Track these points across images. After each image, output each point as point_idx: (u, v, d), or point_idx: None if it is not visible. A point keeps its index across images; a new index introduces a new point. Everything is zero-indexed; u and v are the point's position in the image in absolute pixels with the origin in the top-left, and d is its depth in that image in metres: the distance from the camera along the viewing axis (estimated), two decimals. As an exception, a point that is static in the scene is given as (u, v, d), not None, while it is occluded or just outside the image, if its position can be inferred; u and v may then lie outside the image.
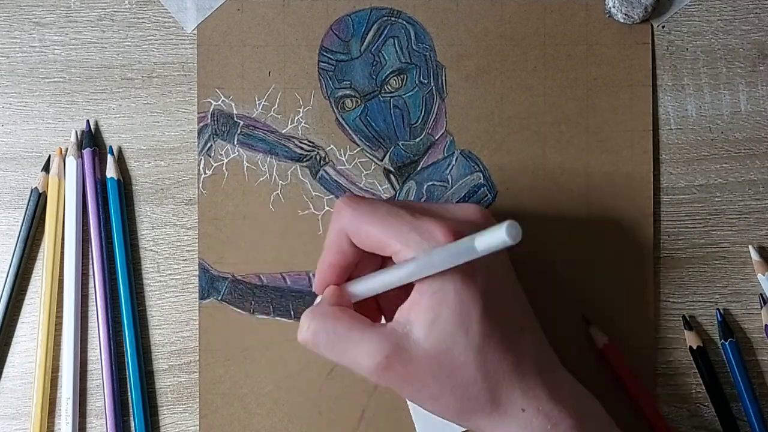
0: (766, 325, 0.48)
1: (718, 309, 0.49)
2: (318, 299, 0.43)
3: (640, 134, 0.49)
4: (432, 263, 0.37)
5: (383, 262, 0.43)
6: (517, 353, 0.40)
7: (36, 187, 0.49)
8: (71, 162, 0.49)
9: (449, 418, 0.41)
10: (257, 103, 0.50)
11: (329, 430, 0.49)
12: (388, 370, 0.39)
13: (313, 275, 0.49)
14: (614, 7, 0.47)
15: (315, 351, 0.40)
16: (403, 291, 0.40)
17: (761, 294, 0.49)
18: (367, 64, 0.50)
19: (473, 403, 0.39)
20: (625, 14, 0.47)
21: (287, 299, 0.49)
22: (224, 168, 0.50)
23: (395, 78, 0.50)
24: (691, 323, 0.48)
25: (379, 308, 0.44)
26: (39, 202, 0.49)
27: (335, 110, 0.50)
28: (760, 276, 0.48)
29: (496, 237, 0.33)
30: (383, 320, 0.44)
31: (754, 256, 0.48)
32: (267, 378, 0.49)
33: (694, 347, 0.48)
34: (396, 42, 0.50)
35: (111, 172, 0.49)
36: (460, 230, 0.38)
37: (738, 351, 0.48)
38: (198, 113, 0.50)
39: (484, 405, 0.39)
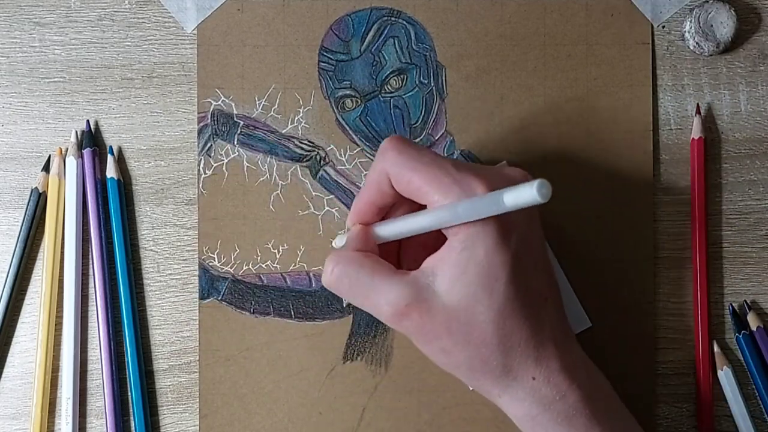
0: (758, 327, 0.48)
1: (731, 304, 0.49)
2: (338, 239, 0.44)
3: (640, 134, 0.49)
4: (458, 213, 0.37)
5: (418, 210, 0.43)
6: (536, 322, 0.40)
7: (36, 187, 0.49)
8: (71, 162, 0.49)
9: (458, 376, 0.41)
10: (257, 103, 0.50)
11: (329, 430, 0.49)
12: (405, 318, 0.39)
13: (314, 275, 0.49)
14: (689, 32, 0.47)
15: (338, 294, 0.41)
16: (428, 245, 0.40)
17: (745, 300, 0.49)
18: (367, 64, 0.50)
19: (484, 364, 0.39)
20: (696, 43, 0.47)
21: (287, 299, 0.49)
22: (224, 168, 0.50)
23: (395, 78, 0.50)
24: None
25: (399, 261, 0.44)
26: (39, 202, 0.49)
27: (335, 110, 0.50)
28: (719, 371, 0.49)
29: (525, 193, 0.33)
30: None
31: (716, 349, 0.49)
32: (267, 378, 0.49)
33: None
34: (396, 42, 0.50)
35: (111, 172, 0.49)
36: (500, 188, 0.38)
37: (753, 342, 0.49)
38: (198, 113, 0.50)
39: (494, 368, 0.39)
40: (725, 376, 0.48)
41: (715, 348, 0.49)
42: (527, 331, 0.39)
